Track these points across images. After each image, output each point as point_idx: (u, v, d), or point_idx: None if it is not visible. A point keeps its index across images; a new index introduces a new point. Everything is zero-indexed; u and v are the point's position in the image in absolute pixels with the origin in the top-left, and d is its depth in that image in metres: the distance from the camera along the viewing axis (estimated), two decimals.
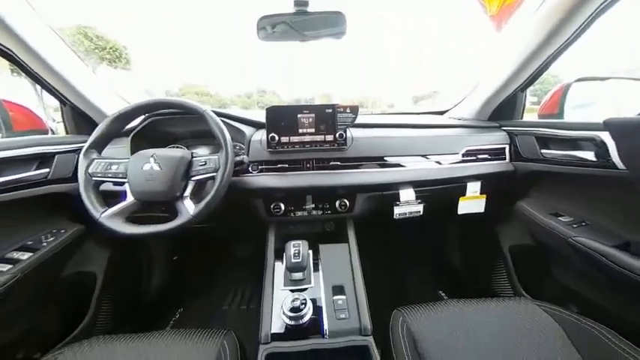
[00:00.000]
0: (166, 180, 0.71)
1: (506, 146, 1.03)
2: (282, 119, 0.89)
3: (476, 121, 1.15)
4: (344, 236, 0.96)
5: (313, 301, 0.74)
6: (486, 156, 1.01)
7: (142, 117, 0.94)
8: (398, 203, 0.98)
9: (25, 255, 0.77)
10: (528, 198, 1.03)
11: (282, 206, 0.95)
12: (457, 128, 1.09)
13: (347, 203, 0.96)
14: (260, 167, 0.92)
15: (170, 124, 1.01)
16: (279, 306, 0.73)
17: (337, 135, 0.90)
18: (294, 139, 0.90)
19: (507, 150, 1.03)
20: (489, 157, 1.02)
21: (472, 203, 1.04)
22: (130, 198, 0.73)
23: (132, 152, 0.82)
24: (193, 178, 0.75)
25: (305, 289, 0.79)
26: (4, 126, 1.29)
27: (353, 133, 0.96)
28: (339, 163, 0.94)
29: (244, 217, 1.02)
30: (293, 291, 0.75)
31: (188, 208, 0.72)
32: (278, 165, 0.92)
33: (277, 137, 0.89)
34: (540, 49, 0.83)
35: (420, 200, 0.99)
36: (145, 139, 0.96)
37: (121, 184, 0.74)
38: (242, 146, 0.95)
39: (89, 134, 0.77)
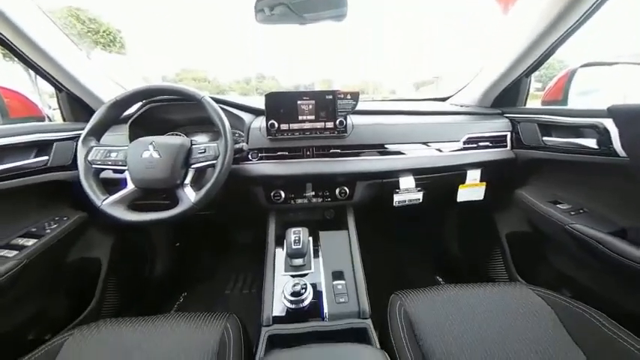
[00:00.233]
0: (166, 168, 0.71)
1: (507, 134, 1.02)
2: (281, 106, 0.88)
3: (478, 108, 1.14)
4: (344, 223, 0.97)
5: (313, 286, 0.76)
6: (487, 143, 1.01)
7: (140, 104, 0.93)
8: (398, 191, 0.98)
9: (30, 241, 0.78)
10: (528, 186, 1.03)
11: (282, 194, 0.95)
12: (459, 115, 1.08)
13: (347, 191, 0.97)
14: (260, 155, 0.91)
15: (168, 111, 0.99)
16: (280, 291, 0.75)
17: (337, 122, 0.89)
18: (293, 127, 0.89)
19: (509, 137, 1.02)
20: (490, 145, 1.01)
21: (471, 191, 1.05)
22: (131, 185, 0.73)
23: (130, 140, 0.81)
24: (193, 166, 0.75)
25: (305, 275, 0.80)
26: (0, 113, 1.27)
27: (353, 120, 0.95)
28: (339, 151, 0.93)
29: (245, 205, 1.02)
30: (294, 276, 0.77)
31: (189, 196, 0.72)
32: (278, 153, 0.92)
33: (277, 124, 0.88)
34: (547, 33, 0.80)
35: (420, 188, 0.99)
36: (143, 127, 0.94)
37: (121, 172, 0.74)
38: (241, 133, 0.95)
39: (87, 121, 0.76)
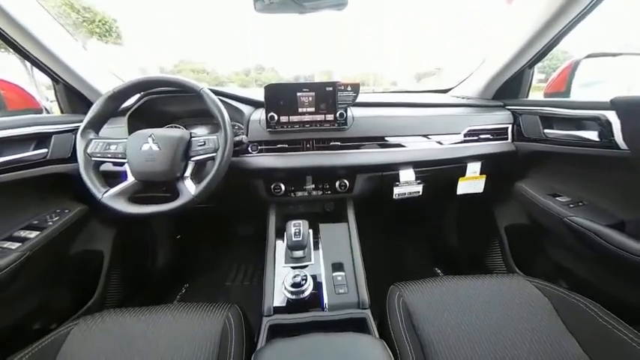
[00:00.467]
0: (166, 160, 0.71)
1: (508, 126, 1.02)
2: (281, 98, 0.87)
3: (479, 100, 1.12)
4: (344, 216, 0.98)
5: (313, 277, 0.77)
6: (488, 136, 1.00)
7: (138, 95, 0.92)
8: (397, 184, 0.98)
9: (33, 233, 0.78)
10: (528, 178, 1.03)
11: (282, 187, 0.96)
12: (460, 107, 1.06)
13: (347, 184, 0.97)
14: (260, 147, 0.91)
15: (167, 103, 0.98)
16: (280, 282, 0.76)
17: (338, 114, 0.89)
18: (293, 119, 0.89)
19: (510, 130, 1.02)
20: (491, 137, 1.00)
21: (471, 183, 1.05)
22: (131, 178, 0.73)
23: (129, 132, 0.81)
24: (193, 159, 0.75)
25: (305, 266, 0.81)
26: None
27: (354, 112, 0.94)
28: (340, 144, 0.93)
29: (245, 198, 1.03)
30: (294, 268, 0.78)
31: (189, 189, 0.72)
32: (278, 145, 0.91)
33: (277, 117, 0.88)
34: (552, 23, 0.79)
35: (420, 181, 0.99)
36: (142, 119, 0.94)
37: (121, 165, 0.74)
38: (241, 126, 0.94)
39: (85, 113, 0.75)
